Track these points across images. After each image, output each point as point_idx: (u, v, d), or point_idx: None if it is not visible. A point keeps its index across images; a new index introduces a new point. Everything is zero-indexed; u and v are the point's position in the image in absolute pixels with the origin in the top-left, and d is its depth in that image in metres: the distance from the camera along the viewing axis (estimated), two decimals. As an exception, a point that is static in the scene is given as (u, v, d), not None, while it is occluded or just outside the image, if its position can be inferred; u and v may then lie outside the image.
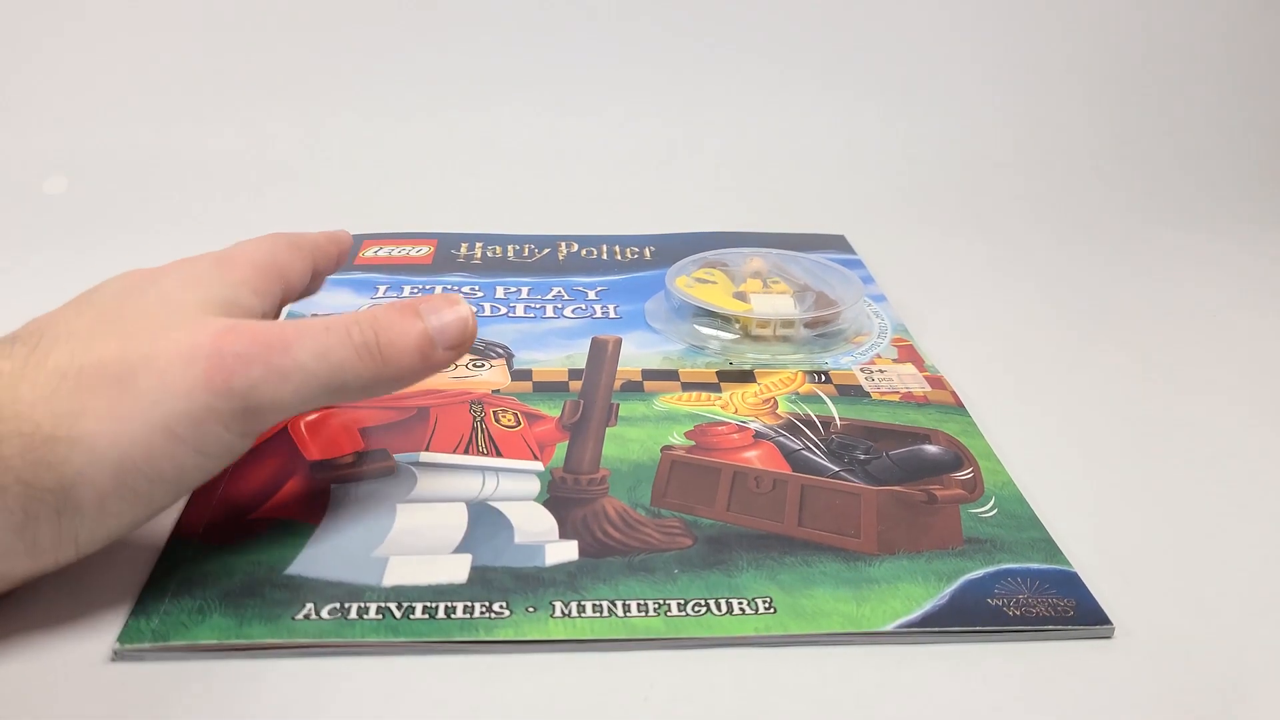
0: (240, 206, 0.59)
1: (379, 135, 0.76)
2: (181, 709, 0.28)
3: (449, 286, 0.54)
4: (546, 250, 0.59)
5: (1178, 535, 0.37)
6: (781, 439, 0.41)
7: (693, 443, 0.40)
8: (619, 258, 0.59)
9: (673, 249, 0.59)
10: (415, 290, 0.54)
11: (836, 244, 0.62)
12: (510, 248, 0.59)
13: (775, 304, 0.50)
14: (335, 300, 0.52)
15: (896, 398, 0.44)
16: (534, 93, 0.79)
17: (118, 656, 0.30)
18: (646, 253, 0.59)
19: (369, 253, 0.58)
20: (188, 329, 0.30)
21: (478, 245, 0.60)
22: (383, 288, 0.54)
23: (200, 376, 0.29)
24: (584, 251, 0.59)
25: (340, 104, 0.76)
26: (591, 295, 0.54)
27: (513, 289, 0.54)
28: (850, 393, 0.45)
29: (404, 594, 0.32)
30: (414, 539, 0.34)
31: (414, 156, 0.74)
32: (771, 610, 0.32)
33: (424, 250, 0.59)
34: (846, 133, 0.80)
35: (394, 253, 0.58)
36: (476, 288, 0.54)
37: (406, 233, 0.61)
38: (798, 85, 0.81)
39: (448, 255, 0.58)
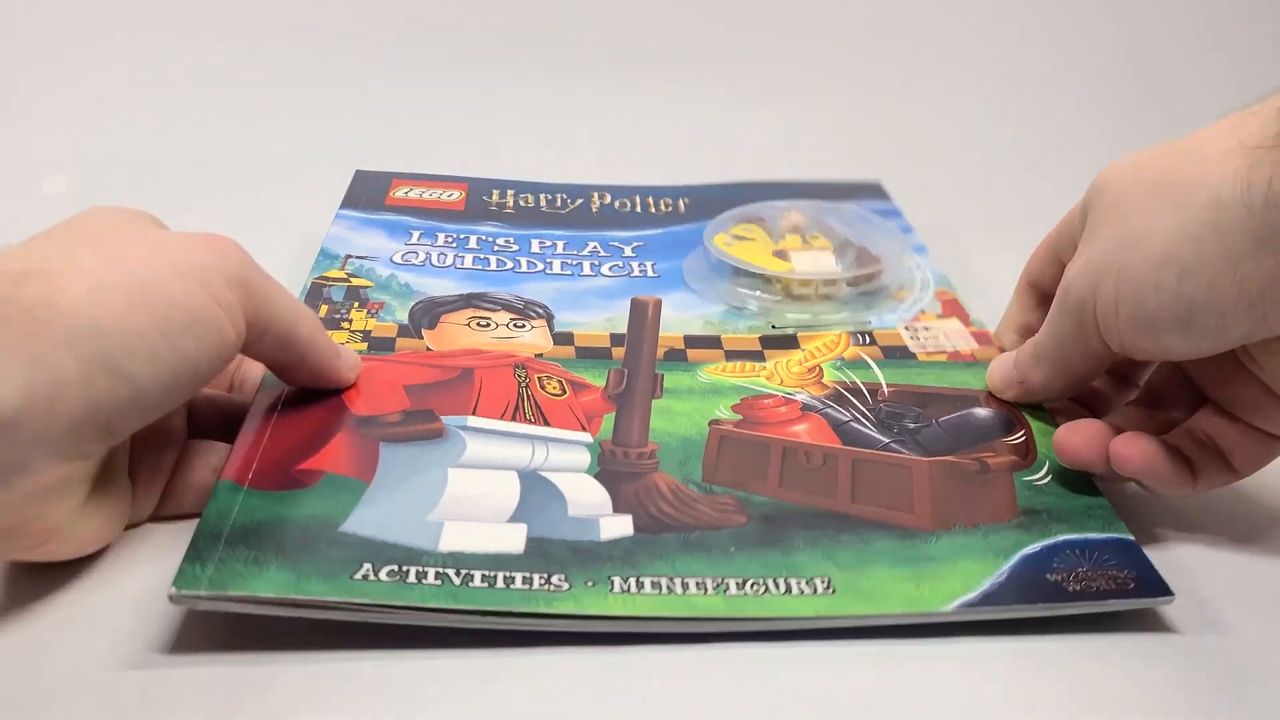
0: (241, 207, 0.58)
1: (406, 85, 0.74)
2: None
3: (483, 236, 0.53)
4: (579, 201, 0.58)
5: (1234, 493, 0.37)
6: (829, 410, 0.41)
7: (740, 417, 0.40)
8: (653, 210, 0.58)
9: (707, 200, 0.58)
10: (450, 239, 0.53)
11: (872, 192, 0.60)
12: (543, 197, 0.58)
13: (817, 261, 0.50)
14: (369, 241, 0.51)
15: (944, 357, 0.44)
16: (551, 47, 0.78)
17: (174, 600, 0.29)
18: (681, 205, 0.59)
19: (398, 193, 0.57)
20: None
21: (509, 193, 0.58)
22: (416, 233, 0.53)
23: (199, 241, 0.33)
24: (617, 203, 0.59)
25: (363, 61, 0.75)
26: (628, 251, 0.53)
27: (548, 243, 0.53)
28: (896, 355, 0.44)
29: (462, 561, 0.32)
30: (467, 505, 0.34)
31: (441, 106, 0.73)
32: (831, 591, 0.32)
33: (455, 195, 0.58)
34: (877, 77, 0.79)
35: (424, 195, 0.57)
36: (511, 240, 0.53)
37: (436, 174, 0.60)
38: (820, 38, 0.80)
39: (479, 202, 0.57)
